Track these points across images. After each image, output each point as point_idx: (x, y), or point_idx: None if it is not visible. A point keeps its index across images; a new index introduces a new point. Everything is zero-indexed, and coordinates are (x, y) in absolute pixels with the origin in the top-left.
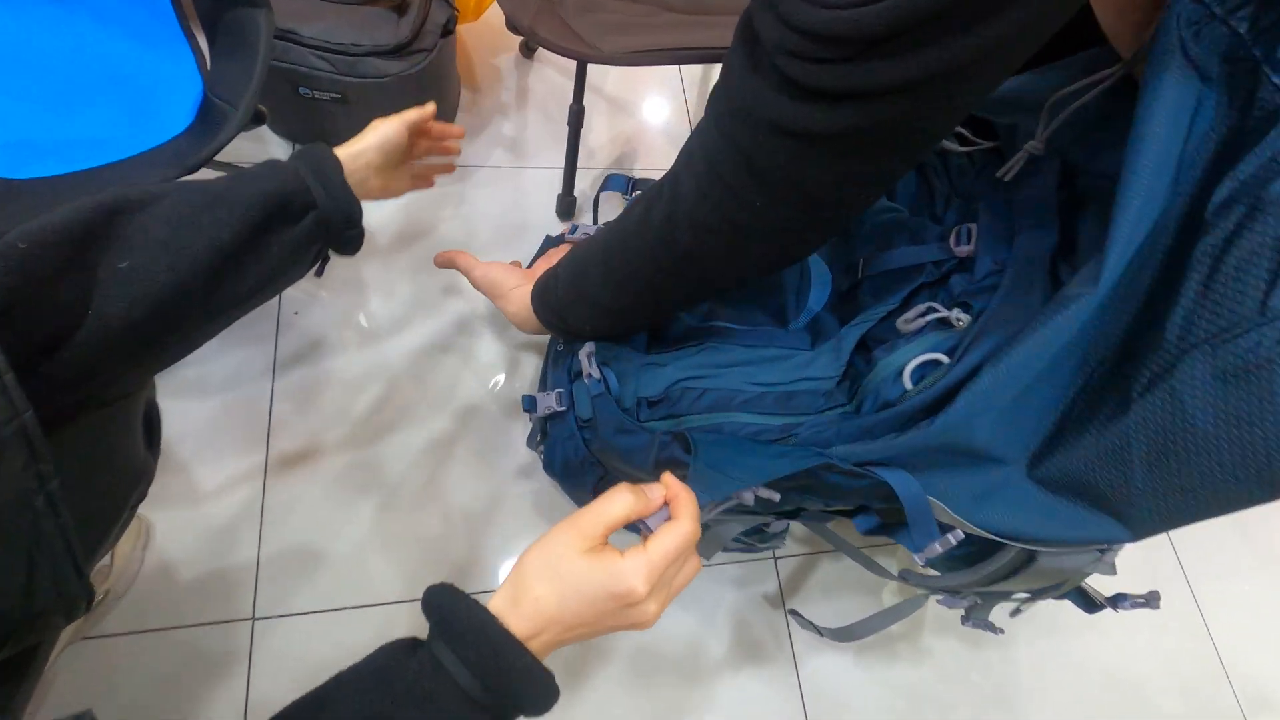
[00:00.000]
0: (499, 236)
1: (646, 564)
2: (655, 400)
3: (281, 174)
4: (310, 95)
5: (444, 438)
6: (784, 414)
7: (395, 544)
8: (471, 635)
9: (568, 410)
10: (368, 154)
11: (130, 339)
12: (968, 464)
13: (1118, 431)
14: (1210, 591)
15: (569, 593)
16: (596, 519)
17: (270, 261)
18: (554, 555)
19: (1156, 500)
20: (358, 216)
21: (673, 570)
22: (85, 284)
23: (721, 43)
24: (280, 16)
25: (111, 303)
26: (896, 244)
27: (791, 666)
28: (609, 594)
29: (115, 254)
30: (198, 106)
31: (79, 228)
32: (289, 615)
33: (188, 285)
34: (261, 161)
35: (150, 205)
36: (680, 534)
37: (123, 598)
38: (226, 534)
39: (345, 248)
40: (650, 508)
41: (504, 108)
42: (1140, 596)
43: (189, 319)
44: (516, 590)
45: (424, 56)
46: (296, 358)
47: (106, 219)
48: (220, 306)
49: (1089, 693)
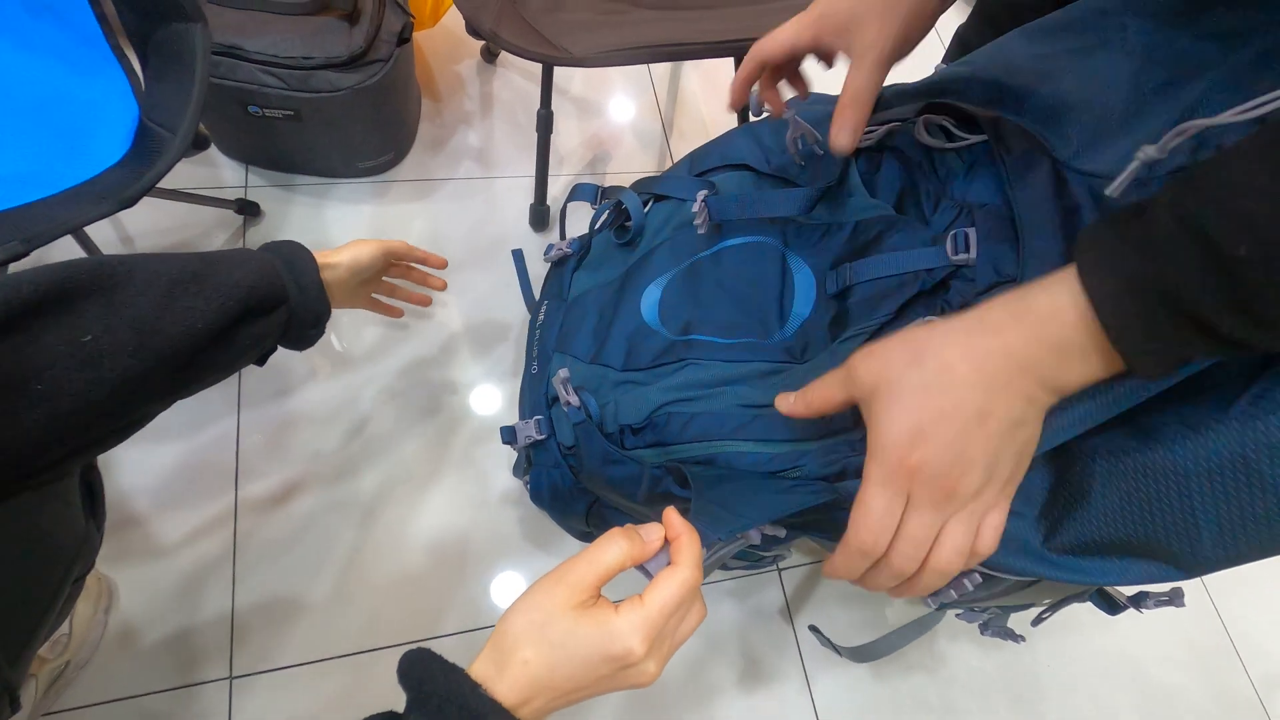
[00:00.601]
0: (472, 252)
1: (644, 620)
2: (639, 428)
3: (260, 267)
4: (261, 113)
5: (423, 469)
6: (785, 439)
7: (377, 586)
8: (452, 707)
9: (549, 437)
10: (338, 270)
11: (81, 420)
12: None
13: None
14: (1220, 574)
15: (559, 656)
16: (587, 570)
17: (234, 352)
18: (541, 613)
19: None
20: (325, 319)
21: (674, 623)
22: (36, 357)
23: (693, 38)
24: (222, 31)
25: (68, 380)
26: (885, 246)
27: (804, 683)
28: (604, 656)
29: (80, 328)
30: (133, 134)
31: (36, 293)
32: (268, 671)
33: (151, 369)
34: (235, 249)
35: (122, 280)
36: (680, 582)
37: (86, 666)
38: (196, 589)
39: (302, 344)
40: (647, 552)
41: (468, 116)
42: (1163, 594)
43: (145, 401)
44: (500, 653)
45: (380, 67)
46: (262, 392)
47: (77, 287)
48: (176, 389)
49: (1108, 686)
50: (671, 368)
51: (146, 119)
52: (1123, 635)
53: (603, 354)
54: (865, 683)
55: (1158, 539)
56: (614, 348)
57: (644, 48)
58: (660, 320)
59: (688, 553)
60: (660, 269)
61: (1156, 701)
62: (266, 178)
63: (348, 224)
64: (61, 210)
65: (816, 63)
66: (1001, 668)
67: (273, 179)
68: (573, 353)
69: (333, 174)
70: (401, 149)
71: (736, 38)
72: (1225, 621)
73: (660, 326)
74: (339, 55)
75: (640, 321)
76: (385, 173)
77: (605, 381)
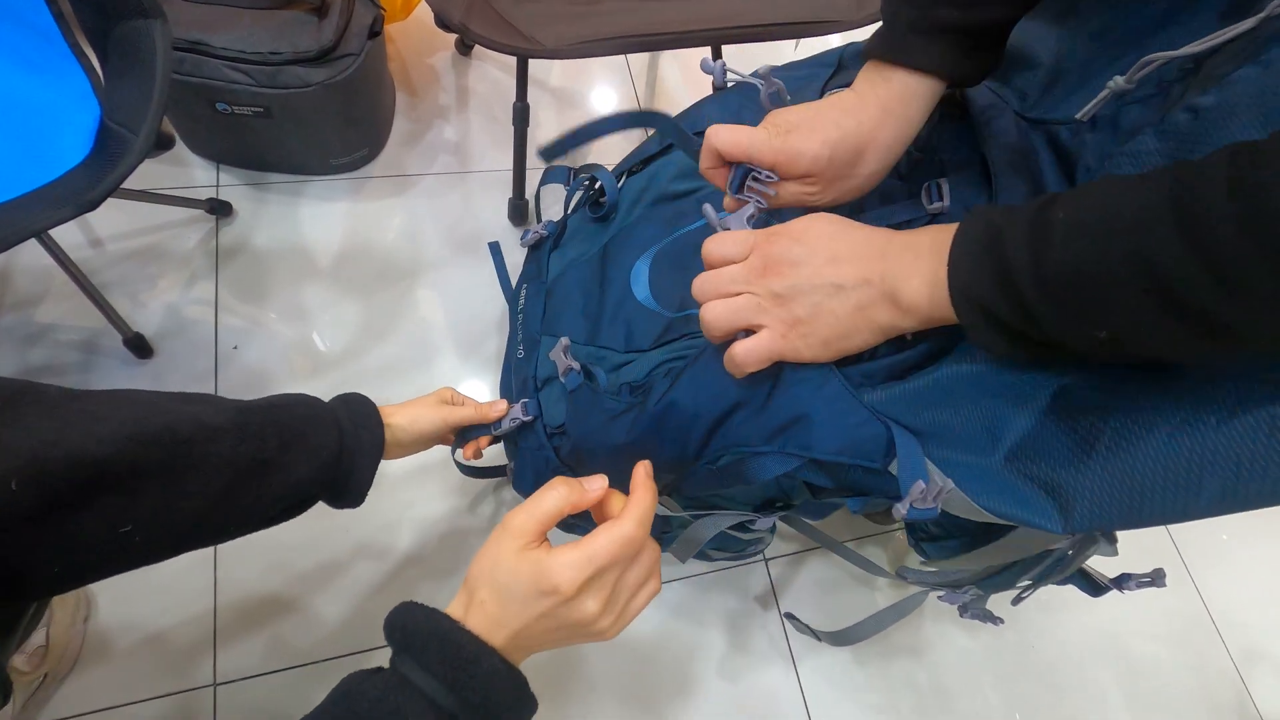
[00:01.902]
0: (450, 247)
1: (575, 559)
2: (639, 385)
3: (328, 458)
4: (230, 111)
5: (408, 465)
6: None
7: (363, 587)
8: (434, 642)
9: (536, 419)
10: (394, 430)
11: (90, 573)
12: (959, 424)
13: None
14: (1197, 552)
15: (505, 594)
16: (527, 518)
17: (263, 525)
18: (489, 559)
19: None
20: (366, 490)
21: (613, 573)
22: (66, 539)
23: (667, 28)
24: (186, 26)
25: (91, 556)
26: (867, 205)
27: (791, 669)
28: (537, 590)
29: (126, 516)
30: (95, 135)
31: (96, 466)
32: (254, 676)
33: (179, 551)
34: (316, 413)
35: (194, 463)
36: (618, 534)
37: (65, 678)
38: (177, 591)
39: (338, 504)
40: (585, 499)
41: (444, 110)
42: (1145, 575)
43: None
44: (466, 595)
45: (351, 61)
46: (239, 395)
47: (148, 464)
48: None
49: (1092, 662)
50: (674, 341)
51: (108, 119)
52: (1104, 614)
53: (600, 335)
54: (852, 667)
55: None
56: (612, 329)
57: (618, 38)
58: (655, 298)
59: (636, 507)
60: (644, 243)
61: (1139, 675)
62: (238, 176)
63: (322, 222)
64: (22, 214)
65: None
66: (987, 648)
67: (245, 177)
68: (562, 334)
69: (306, 171)
70: (376, 144)
71: (711, 26)
72: (1204, 598)
73: (656, 305)
74: (308, 50)
75: (634, 301)
76: (360, 169)
77: (606, 363)
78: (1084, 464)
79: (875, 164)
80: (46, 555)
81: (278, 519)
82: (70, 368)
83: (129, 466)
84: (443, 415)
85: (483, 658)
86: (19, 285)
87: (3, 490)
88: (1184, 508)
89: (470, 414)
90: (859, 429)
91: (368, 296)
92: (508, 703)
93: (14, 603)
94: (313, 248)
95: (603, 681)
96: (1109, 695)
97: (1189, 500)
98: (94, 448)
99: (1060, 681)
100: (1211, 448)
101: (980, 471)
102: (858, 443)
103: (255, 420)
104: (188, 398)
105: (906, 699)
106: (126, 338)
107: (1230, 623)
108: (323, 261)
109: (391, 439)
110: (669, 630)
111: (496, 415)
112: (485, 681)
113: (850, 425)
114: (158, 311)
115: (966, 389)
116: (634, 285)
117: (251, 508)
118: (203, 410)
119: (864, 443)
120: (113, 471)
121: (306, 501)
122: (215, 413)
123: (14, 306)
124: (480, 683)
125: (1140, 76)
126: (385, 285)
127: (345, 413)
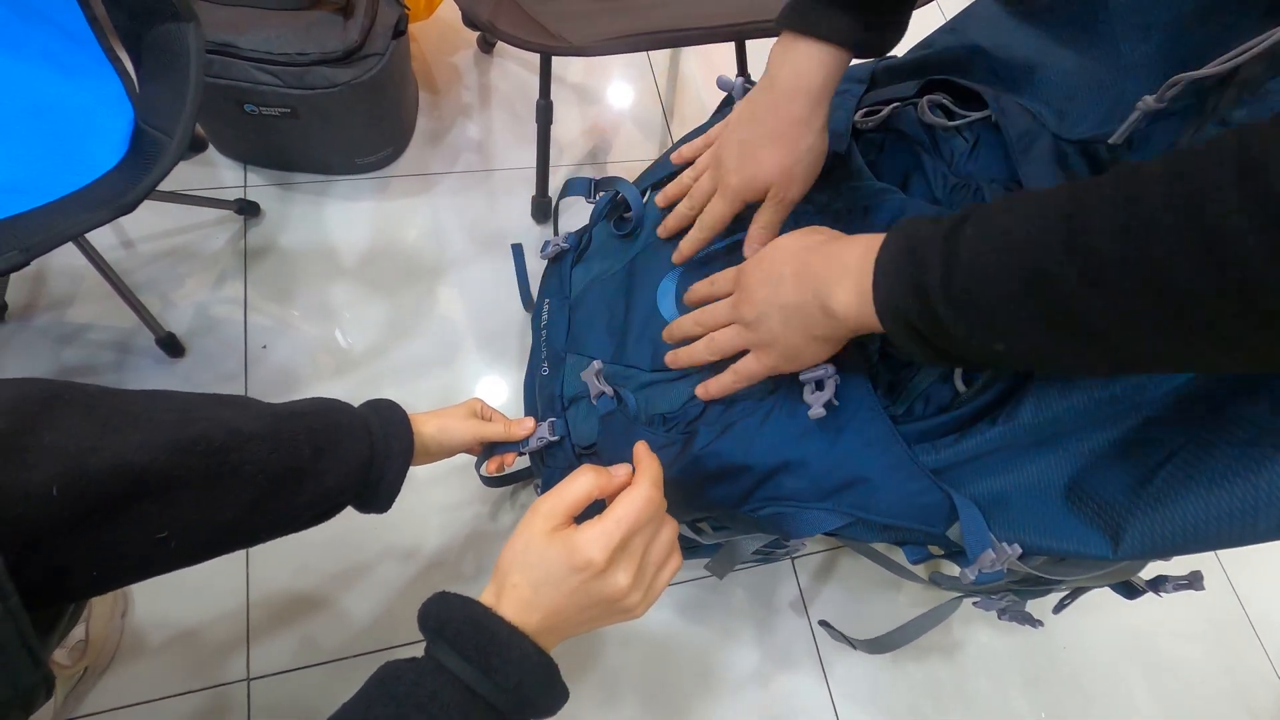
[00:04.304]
0: (474, 245)
1: (602, 532)
2: (671, 415)
3: (359, 469)
4: (257, 112)
5: (436, 465)
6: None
7: (393, 584)
8: (468, 627)
9: (563, 438)
10: (429, 442)
11: (116, 579)
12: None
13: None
14: (1234, 551)
15: (538, 575)
16: (558, 500)
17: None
18: (521, 542)
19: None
20: (394, 497)
21: (640, 540)
22: (101, 546)
23: (696, 22)
24: (215, 29)
25: (124, 560)
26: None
27: (819, 672)
28: (570, 568)
29: (163, 523)
30: (129, 138)
31: (133, 473)
32: (287, 671)
33: (211, 555)
34: (347, 418)
35: (231, 469)
36: (636, 499)
37: (104, 672)
38: (211, 590)
39: (366, 509)
40: (613, 484)
41: (466, 108)
42: (1183, 578)
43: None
44: (497, 582)
45: (376, 61)
46: (269, 391)
47: (187, 474)
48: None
49: (1124, 664)
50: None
51: (142, 122)
52: (1137, 615)
53: (625, 354)
54: (880, 669)
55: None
56: (638, 347)
57: (643, 35)
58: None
59: (647, 474)
60: (671, 261)
61: (1171, 677)
62: (265, 177)
63: (348, 221)
64: (59, 218)
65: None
66: (1015, 649)
67: (272, 178)
68: (589, 353)
69: (332, 171)
70: (400, 143)
71: (735, 21)
72: (1241, 599)
73: None
74: (334, 50)
75: (661, 319)
76: (385, 168)
77: (633, 381)
78: (1138, 495)
79: (810, 136)
80: (85, 560)
81: (309, 524)
82: (104, 367)
83: (166, 475)
84: (471, 429)
85: (515, 643)
86: (53, 286)
87: (44, 496)
88: (1239, 537)
89: (499, 430)
90: (920, 496)
91: (392, 295)
92: (540, 688)
93: (55, 604)
94: (338, 247)
95: (625, 679)
96: (1139, 698)
97: (1244, 531)
98: (133, 455)
99: (1089, 684)
100: (1269, 483)
101: (1037, 521)
102: (918, 509)
103: (289, 428)
104: (222, 400)
105: (932, 700)
106: (159, 337)
107: (1269, 625)
108: (348, 260)
109: (420, 448)
110: (693, 630)
111: (524, 433)
112: (518, 666)
113: (911, 492)
114: (188, 311)
115: (1023, 440)
116: (661, 303)
117: (284, 514)
118: (237, 416)
119: (925, 509)
120: (151, 480)
121: (337, 507)
122: (250, 419)
123: (48, 307)
124: (514, 667)
125: (1170, 95)
126: (409, 284)
127: (376, 420)
